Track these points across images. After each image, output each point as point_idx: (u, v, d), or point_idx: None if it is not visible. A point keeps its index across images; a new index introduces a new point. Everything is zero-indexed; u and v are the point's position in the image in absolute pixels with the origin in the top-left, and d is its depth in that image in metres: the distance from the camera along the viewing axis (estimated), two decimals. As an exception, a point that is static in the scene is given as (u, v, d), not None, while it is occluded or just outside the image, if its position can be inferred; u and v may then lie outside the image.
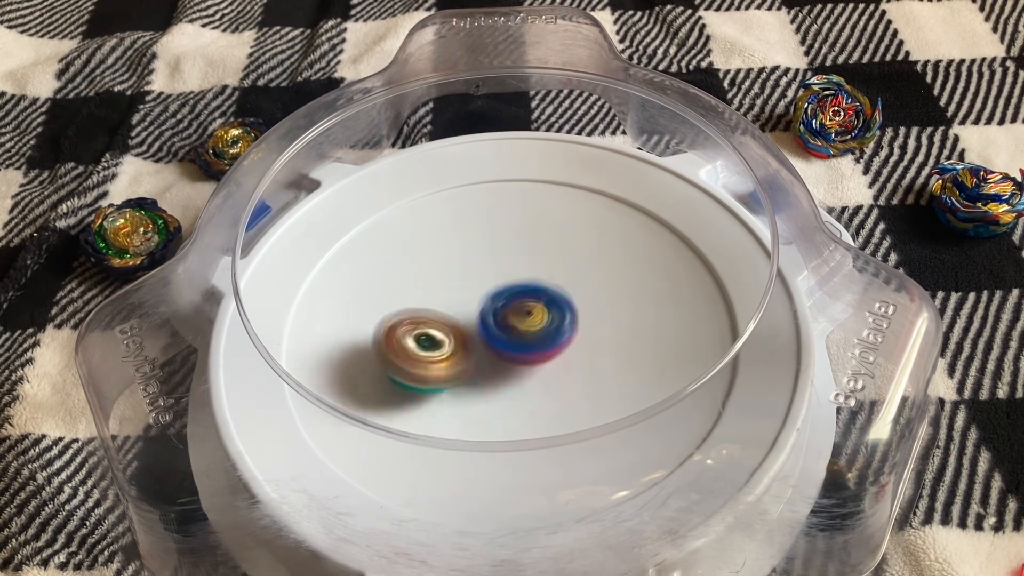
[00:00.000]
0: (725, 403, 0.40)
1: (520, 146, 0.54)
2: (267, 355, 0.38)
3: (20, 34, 0.74)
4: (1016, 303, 0.51)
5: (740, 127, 0.49)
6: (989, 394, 0.47)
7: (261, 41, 0.72)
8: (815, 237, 0.45)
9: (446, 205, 0.51)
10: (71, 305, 0.54)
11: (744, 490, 0.37)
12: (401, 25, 0.71)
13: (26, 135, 0.65)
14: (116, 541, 0.43)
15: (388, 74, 0.54)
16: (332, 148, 0.53)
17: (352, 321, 0.45)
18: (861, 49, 0.68)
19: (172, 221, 0.57)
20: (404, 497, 0.38)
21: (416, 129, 0.63)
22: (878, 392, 0.40)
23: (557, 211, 0.50)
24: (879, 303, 0.42)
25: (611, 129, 0.63)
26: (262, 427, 0.40)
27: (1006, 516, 0.42)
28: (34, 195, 0.61)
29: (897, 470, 0.39)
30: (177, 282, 0.45)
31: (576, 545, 0.36)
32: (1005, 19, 0.69)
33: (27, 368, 0.50)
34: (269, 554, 0.40)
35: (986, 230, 0.54)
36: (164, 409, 0.41)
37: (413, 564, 0.36)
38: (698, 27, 0.70)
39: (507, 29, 0.56)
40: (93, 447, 0.47)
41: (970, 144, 0.60)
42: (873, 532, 0.40)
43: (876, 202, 0.57)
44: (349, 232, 0.49)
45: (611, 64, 0.54)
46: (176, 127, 0.65)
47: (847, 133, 0.60)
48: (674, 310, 0.45)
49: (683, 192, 0.50)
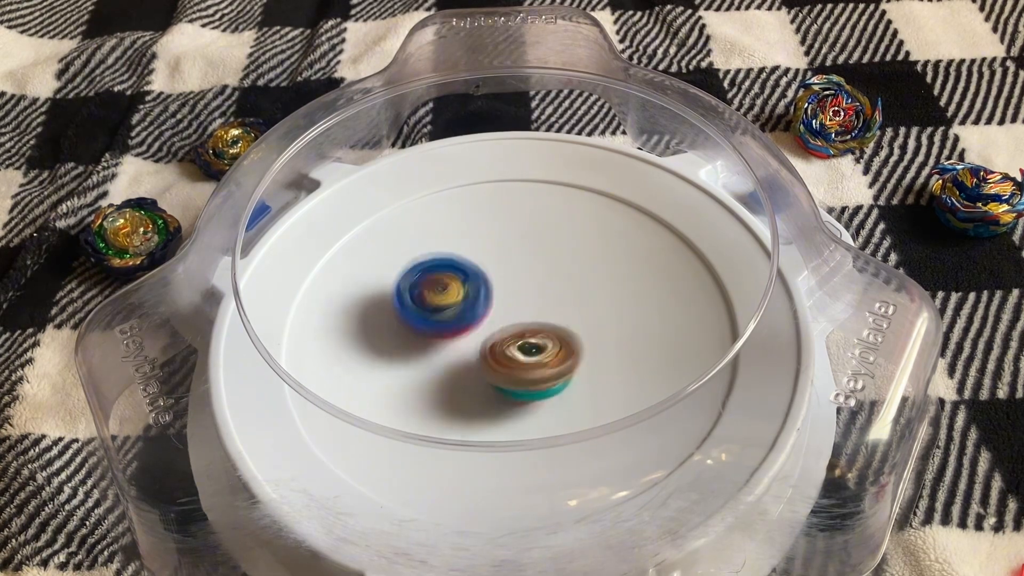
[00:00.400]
0: (725, 403, 0.40)
1: (520, 146, 0.54)
2: (267, 355, 0.38)
3: (20, 34, 0.74)
4: (1016, 303, 0.51)
5: (740, 127, 0.49)
6: (989, 394, 0.47)
7: (261, 41, 0.72)
8: (815, 237, 0.45)
9: (446, 205, 0.51)
10: (71, 305, 0.54)
11: (744, 490, 0.37)
12: (401, 25, 0.71)
13: (26, 135, 0.65)
14: (116, 541, 0.43)
15: (388, 74, 0.54)
16: (332, 148, 0.53)
17: (352, 321, 0.45)
18: (861, 49, 0.68)
19: (172, 221, 0.57)
20: (404, 497, 0.38)
21: (416, 129, 0.63)
22: (878, 392, 0.40)
23: (557, 211, 0.50)
24: (879, 303, 0.42)
25: (611, 129, 0.63)
26: (262, 427, 0.40)
27: (1006, 516, 0.42)
28: (34, 195, 0.61)
29: (897, 470, 0.39)
30: (177, 282, 0.45)
31: (576, 545, 0.36)
32: (1005, 19, 0.69)
33: (27, 368, 0.50)
34: (269, 554, 0.40)
35: (986, 230, 0.54)
36: (164, 409, 0.41)
37: (413, 564, 0.36)
38: (698, 27, 0.70)
39: (507, 29, 0.56)
40: (93, 447, 0.47)
41: (970, 144, 0.60)
42: (873, 532, 0.40)
43: (876, 202, 0.57)
44: (349, 232, 0.49)
45: (611, 64, 0.54)
46: (176, 127, 0.65)
47: (847, 133, 0.60)
48: (674, 310, 0.45)
49: (683, 192, 0.50)
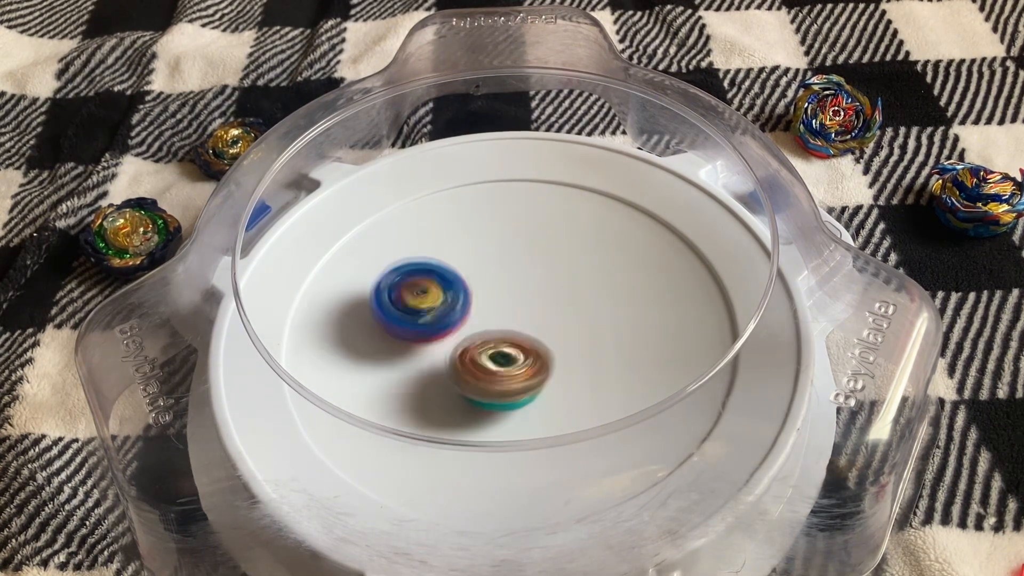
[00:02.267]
0: (725, 403, 0.40)
1: (520, 146, 0.54)
2: (267, 355, 0.38)
3: (20, 34, 0.74)
4: (1016, 303, 0.51)
5: (740, 127, 0.49)
6: (989, 394, 0.47)
7: (261, 41, 0.72)
8: (815, 237, 0.45)
9: (446, 205, 0.51)
10: (71, 305, 0.54)
11: (744, 490, 0.37)
12: (401, 25, 0.71)
13: (26, 135, 0.65)
14: (116, 541, 0.43)
15: (388, 74, 0.54)
16: (332, 148, 0.53)
17: (352, 321, 0.45)
18: (861, 49, 0.68)
19: (172, 221, 0.57)
20: (404, 497, 0.38)
21: (416, 129, 0.63)
22: (878, 392, 0.40)
23: (557, 211, 0.50)
24: (879, 303, 0.42)
25: (611, 129, 0.63)
26: (262, 427, 0.40)
27: (1006, 516, 0.42)
28: (34, 195, 0.61)
29: (897, 470, 0.39)
30: (177, 282, 0.45)
31: (576, 545, 0.36)
32: (1005, 19, 0.69)
33: (27, 368, 0.50)
34: (269, 554, 0.40)
35: (986, 230, 0.54)
36: (164, 409, 0.41)
37: (413, 564, 0.36)
38: (698, 27, 0.70)
39: (507, 29, 0.56)
40: (93, 447, 0.47)
41: (970, 144, 0.60)
42: (873, 532, 0.40)
43: (876, 202, 0.57)
44: (349, 232, 0.49)
45: (611, 64, 0.54)
46: (176, 127, 0.65)
47: (847, 133, 0.59)
48: (674, 310, 0.45)
49: (683, 192, 0.50)
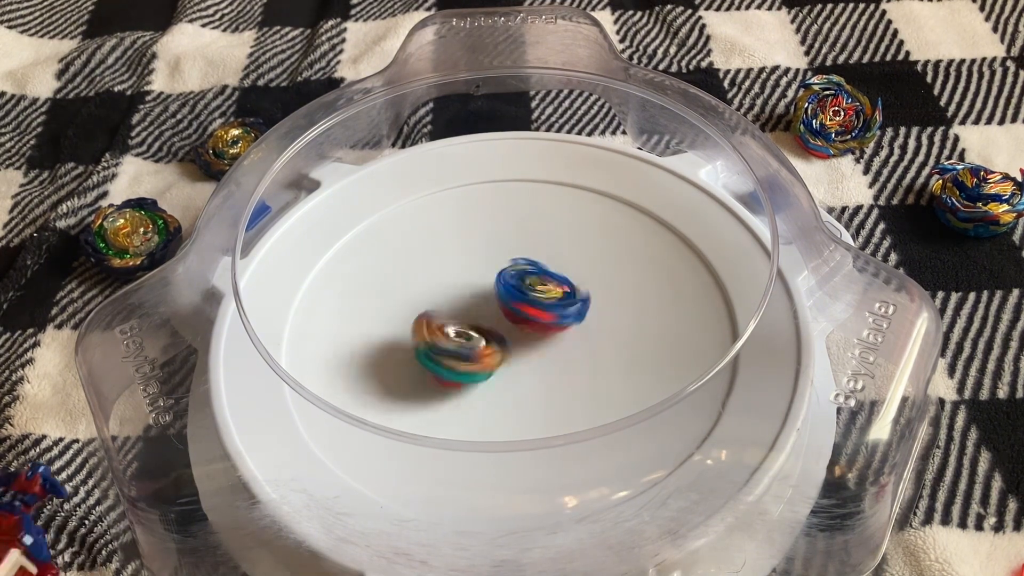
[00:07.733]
0: (725, 403, 0.40)
1: (520, 146, 0.54)
2: (267, 355, 0.38)
3: (20, 34, 0.74)
4: (1016, 303, 0.51)
5: (740, 127, 0.49)
6: (989, 394, 0.47)
7: (261, 41, 0.72)
8: (815, 237, 0.45)
9: (446, 205, 0.51)
10: (71, 305, 0.54)
11: (744, 490, 0.37)
12: (401, 25, 0.71)
13: (26, 135, 0.65)
14: (116, 541, 0.43)
15: (388, 74, 0.54)
16: (332, 148, 0.53)
17: (352, 321, 0.45)
18: (861, 49, 0.68)
19: (172, 221, 0.57)
20: (404, 497, 0.38)
21: (416, 129, 0.63)
22: (878, 392, 0.40)
23: (557, 211, 0.50)
24: (879, 303, 0.42)
25: (611, 129, 0.63)
26: (262, 427, 0.40)
27: (1006, 516, 0.42)
28: (34, 195, 0.61)
29: (897, 470, 0.39)
30: (177, 282, 0.45)
31: (576, 545, 0.36)
32: (1005, 19, 0.69)
33: (27, 368, 0.50)
34: (269, 554, 0.40)
35: (986, 230, 0.54)
36: (164, 409, 0.41)
37: (413, 564, 0.36)
38: (698, 27, 0.70)
39: (507, 29, 0.56)
40: (93, 447, 0.47)
41: (970, 144, 0.60)
42: (873, 532, 0.40)
43: (876, 202, 0.57)
44: (349, 232, 0.49)
45: (611, 64, 0.54)
46: (176, 127, 0.65)
47: (847, 133, 0.59)
48: (674, 310, 0.45)
49: (683, 192, 0.50)
